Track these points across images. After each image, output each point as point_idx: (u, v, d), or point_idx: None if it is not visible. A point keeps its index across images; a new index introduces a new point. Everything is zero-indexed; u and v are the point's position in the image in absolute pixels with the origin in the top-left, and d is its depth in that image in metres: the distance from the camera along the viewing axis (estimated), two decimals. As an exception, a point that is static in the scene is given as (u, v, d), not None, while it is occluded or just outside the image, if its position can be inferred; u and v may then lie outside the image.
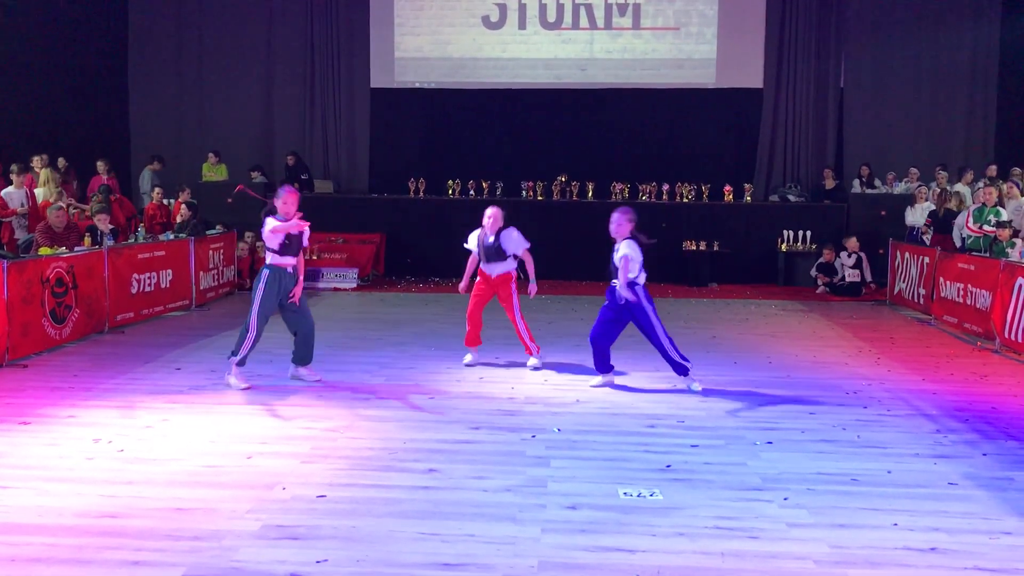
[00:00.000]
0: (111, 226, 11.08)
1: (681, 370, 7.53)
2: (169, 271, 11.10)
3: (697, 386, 7.51)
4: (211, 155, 16.14)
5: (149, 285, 10.67)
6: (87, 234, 10.47)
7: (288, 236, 7.46)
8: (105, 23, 16.87)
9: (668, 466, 5.51)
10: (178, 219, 13.05)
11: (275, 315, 7.58)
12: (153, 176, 15.16)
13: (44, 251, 9.34)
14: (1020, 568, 4.12)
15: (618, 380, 7.85)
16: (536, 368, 8.22)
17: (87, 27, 16.16)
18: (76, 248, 9.78)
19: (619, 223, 7.58)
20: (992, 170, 13.67)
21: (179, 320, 10.91)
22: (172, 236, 12.13)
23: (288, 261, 7.53)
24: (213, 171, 16.10)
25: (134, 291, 10.35)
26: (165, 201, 13.98)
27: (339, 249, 14.58)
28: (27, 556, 4.13)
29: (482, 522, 4.58)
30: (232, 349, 7.50)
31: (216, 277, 12.49)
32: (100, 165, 14.13)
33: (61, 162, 13.60)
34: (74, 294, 9.12)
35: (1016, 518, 4.72)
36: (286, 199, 7.55)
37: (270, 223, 7.46)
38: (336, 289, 13.68)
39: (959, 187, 13.63)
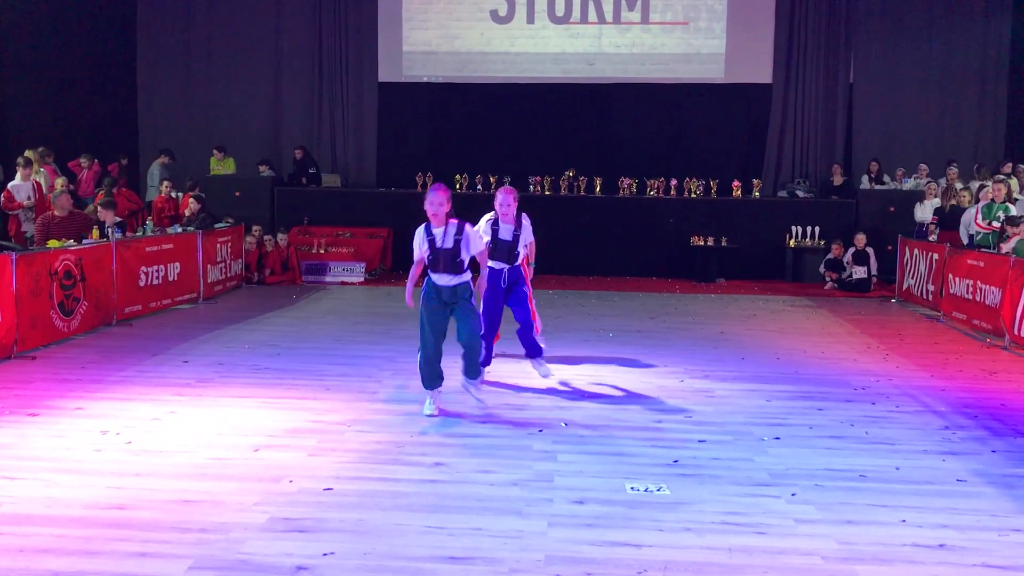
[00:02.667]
0: (118, 218, 11.09)
1: (537, 351, 7.63)
2: (177, 264, 11.12)
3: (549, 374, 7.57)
4: (215, 151, 16.14)
5: (157, 278, 10.69)
6: (95, 226, 10.48)
7: (433, 248, 6.23)
8: (114, 18, 16.89)
9: (675, 461, 5.50)
10: (186, 212, 13.08)
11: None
12: (162, 170, 15.20)
13: (52, 244, 9.36)
14: (1029, 565, 4.11)
15: (625, 375, 7.83)
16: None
17: (96, 22, 16.18)
18: (84, 241, 9.79)
19: (512, 204, 7.34)
20: (1008, 167, 13.61)
21: (187, 313, 10.93)
22: (180, 229, 12.15)
23: (440, 276, 6.28)
24: (221, 165, 16.12)
25: (142, 284, 10.37)
26: (174, 194, 14.01)
27: (346, 243, 14.60)
28: (35, 547, 4.13)
29: (489, 516, 4.57)
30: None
31: (224, 270, 12.52)
32: (84, 160, 14.10)
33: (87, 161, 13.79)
34: (82, 287, 9.14)
35: (1025, 515, 4.70)
36: (432, 200, 6.18)
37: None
38: (343, 283, 13.69)
39: (974, 184, 13.58)
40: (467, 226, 6.32)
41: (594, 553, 4.15)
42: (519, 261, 7.50)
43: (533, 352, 7.65)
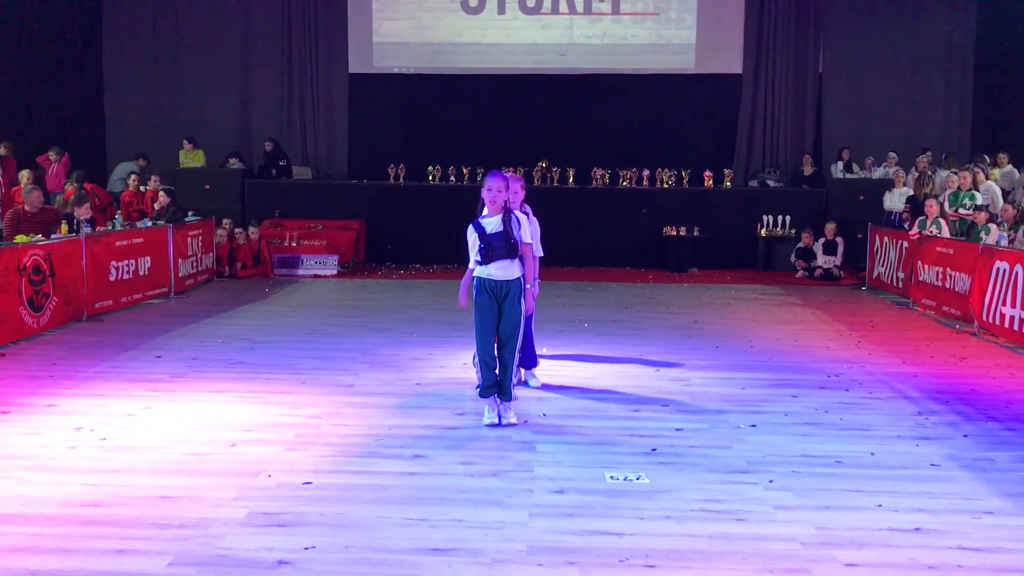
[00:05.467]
0: (89, 215, 10.94)
1: (534, 362, 7.13)
2: (147, 258, 11.00)
3: (536, 382, 7.10)
4: (186, 142, 15.97)
5: (127, 272, 10.56)
6: (63, 221, 10.34)
7: (485, 238, 5.87)
8: (79, 11, 16.63)
9: (653, 449, 5.53)
10: (155, 206, 12.93)
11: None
12: (139, 169, 15.00)
13: (20, 239, 9.22)
14: (1002, 547, 4.17)
15: (601, 364, 7.85)
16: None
17: (61, 15, 15.92)
18: (53, 235, 9.66)
19: (516, 191, 6.53)
20: (980, 156, 13.75)
21: (158, 308, 10.82)
22: (150, 223, 12.01)
23: (491, 270, 5.90)
24: (190, 158, 15.95)
25: (112, 279, 10.24)
26: (142, 188, 13.83)
27: (319, 236, 14.51)
28: (10, 546, 4.08)
29: (470, 507, 4.57)
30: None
31: (195, 264, 12.39)
32: (52, 154, 13.89)
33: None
34: (51, 282, 9.01)
35: (998, 498, 4.77)
36: (489, 185, 5.86)
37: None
38: (316, 276, 13.60)
39: (942, 172, 13.72)
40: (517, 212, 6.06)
41: (575, 542, 4.16)
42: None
43: (530, 362, 7.12)
